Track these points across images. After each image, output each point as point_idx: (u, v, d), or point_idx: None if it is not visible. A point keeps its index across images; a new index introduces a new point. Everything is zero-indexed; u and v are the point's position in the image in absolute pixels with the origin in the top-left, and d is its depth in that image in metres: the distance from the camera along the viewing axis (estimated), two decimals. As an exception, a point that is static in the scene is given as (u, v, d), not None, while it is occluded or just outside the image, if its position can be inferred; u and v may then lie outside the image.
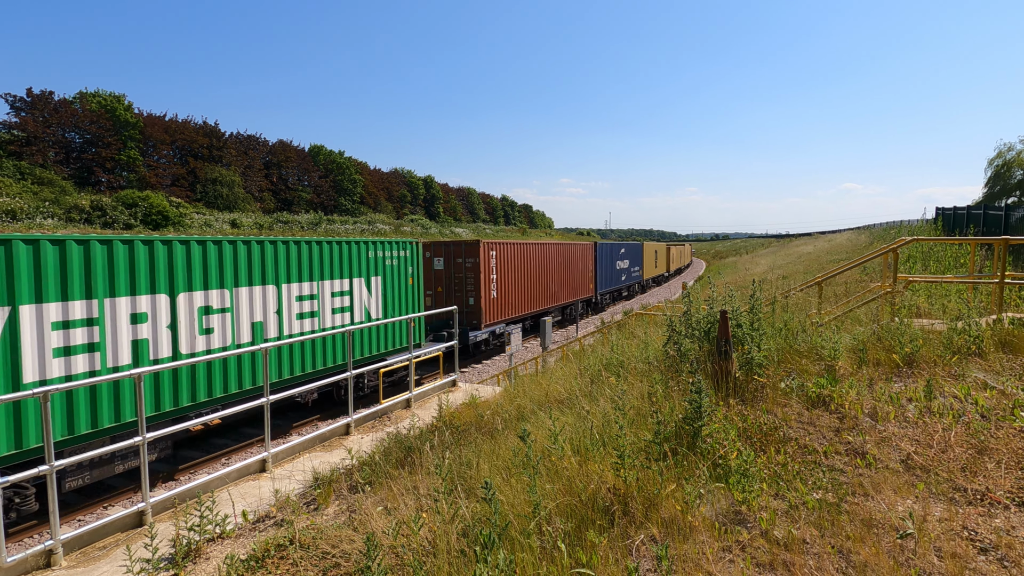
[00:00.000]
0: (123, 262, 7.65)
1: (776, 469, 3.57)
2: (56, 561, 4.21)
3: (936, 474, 3.42)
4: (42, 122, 38.73)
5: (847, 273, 16.33)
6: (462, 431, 5.78)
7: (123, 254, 7.66)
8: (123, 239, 7.70)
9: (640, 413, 4.44)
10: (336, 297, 11.24)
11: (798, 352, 5.45)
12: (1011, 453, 3.56)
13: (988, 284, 8.34)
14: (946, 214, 26.98)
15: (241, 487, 5.53)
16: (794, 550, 2.79)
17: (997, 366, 4.93)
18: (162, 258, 8.12)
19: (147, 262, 7.95)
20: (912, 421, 4.07)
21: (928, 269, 16.14)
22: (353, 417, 7.30)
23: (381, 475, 4.85)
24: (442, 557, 3.00)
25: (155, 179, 44.99)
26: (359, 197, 65.91)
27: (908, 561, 2.67)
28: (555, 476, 3.60)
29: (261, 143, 57.49)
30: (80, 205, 32.12)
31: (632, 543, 2.97)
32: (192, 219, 38.97)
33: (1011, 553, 2.70)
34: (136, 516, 4.80)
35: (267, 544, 3.78)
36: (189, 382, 8.49)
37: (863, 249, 29.31)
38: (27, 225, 27.84)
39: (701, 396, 3.75)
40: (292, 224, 47.17)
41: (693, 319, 5.62)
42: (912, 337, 5.33)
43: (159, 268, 8.08)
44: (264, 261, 9.69)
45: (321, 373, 10.84)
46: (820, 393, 4.48)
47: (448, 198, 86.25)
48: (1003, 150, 27.96)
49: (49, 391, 4.15)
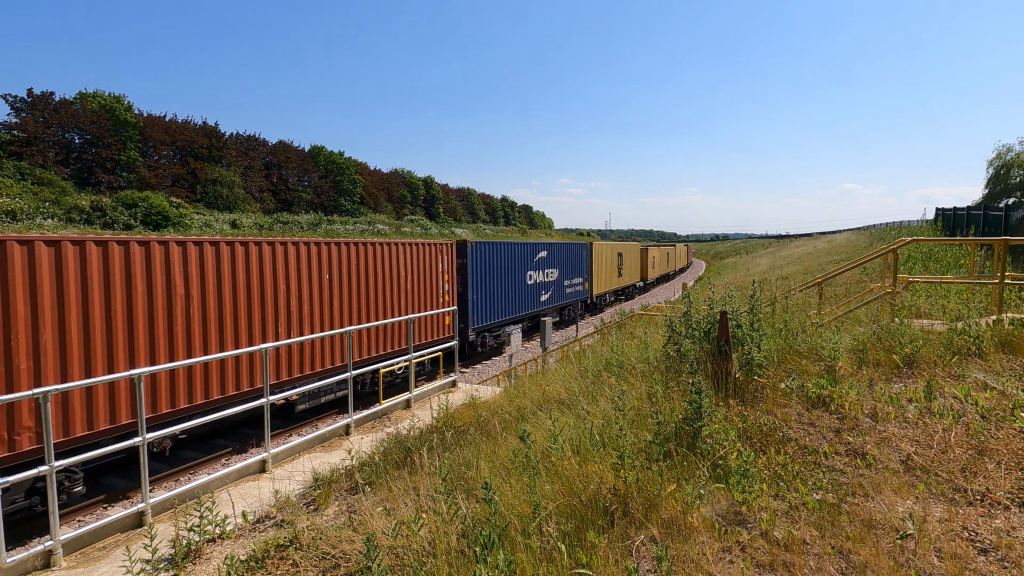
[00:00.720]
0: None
1: (776, 470, 3.57)
2: (56, 562, 4.21)
3: (936, 475, 3.42)
4: (42, 122, 38.73)
5: (847, 274, 16.34)
6: (462, 431, 5.78)
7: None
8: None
9: (640, 413, 4.44)
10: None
11: (798, 353, 5.45)
12: (1011, 454, 3.56)
13: (988, 285, 8.34)
14: (946, 215, 26.99)
15: (241, 487, 5.53)
16: (794, 551, 2.78)
17: (997, 367, 4.93)
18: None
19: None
20: (912, 422, 4.07)
21: (928, 270, 16.14)
22: (353, 417, 7.30)
23: (381, 476, 4.85)
24: (442, 558, 3.00)
25: (155, 180, 44.98)
26: (359, 197, 65.91)
27: (908, 562, 2.67)
28: (555, 477, 3.60)
29: (261, 143, 57.50)
30: (80, 205, 32.12)
31: (632, 544, 2.97)
32: (192, 219, 38.96)
33: (1011, 554, 2.70)
34: (136, 516, 4.80)
35: (267, 545, 3.78)
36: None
37: (863, 250, 29.33)
38: (27, 226, 27.85)
39: (701, 396, 3.75)
40: (292, 225, 47.16)
41: (693, 319, 5.62)
42: (912, 338, 5.33)
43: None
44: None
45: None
46: (820, 394, 4.48)
47: (448, 199, 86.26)
48: (1002, 151, 27.97)
49: (49, 391, 4.14)
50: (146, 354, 8.20)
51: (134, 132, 44.45)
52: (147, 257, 8.18)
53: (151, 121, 46.68)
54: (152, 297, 8.26)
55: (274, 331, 10.19)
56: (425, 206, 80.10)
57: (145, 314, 8.21)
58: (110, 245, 7.75)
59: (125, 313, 7.95)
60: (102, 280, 7.68)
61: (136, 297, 8.07)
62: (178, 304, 8.60)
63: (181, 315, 8.67)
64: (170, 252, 8.44)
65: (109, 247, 7.75)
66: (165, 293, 8.43)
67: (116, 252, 7.81)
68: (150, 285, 8.23)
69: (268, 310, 10.06)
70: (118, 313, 7.85)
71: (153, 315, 8.29)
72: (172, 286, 8.51)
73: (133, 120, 44.59)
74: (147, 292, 8.20)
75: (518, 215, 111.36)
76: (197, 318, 8.88)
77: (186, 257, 8.68)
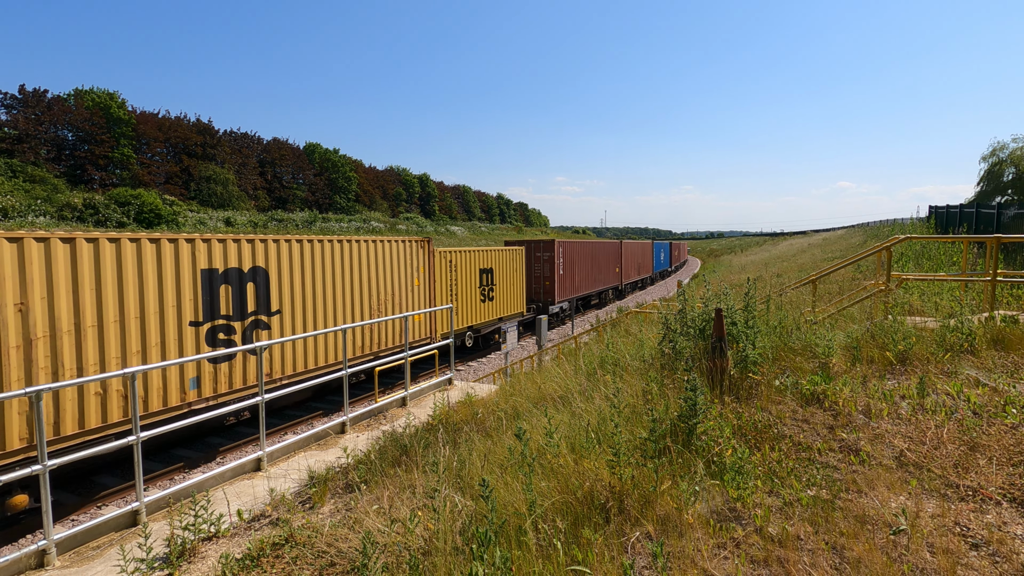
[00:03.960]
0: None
1: (771, 466, 3.59)
2: (49, 561, 4.18)
3: (929, 471, 3.45)
4: (34, 119, 38.43)
5: (841, 271, 16.41)
6: (458, 429, 5.78)
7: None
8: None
9: (635, 411, 4.45)
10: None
11: (792, 350, 5.48)
12: (1003, 449, 3.59)
13: (980, 282, 8.40)
14: (939, 212, 27.15)
15: (236, 486, 5.51)
16: (788, 546, 2.80)
17: (989, 363, 4.97)
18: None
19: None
20: (905, 418, 4.10)
21: (921, 267, 16.23)
22: (348, 415, 7.28)
23: (377, 473, 4.85)
24: (438, 555, 3.00)
25: (148, 177, 44.71)
26: (354, 195, 65.75)
27: (901, 557, 2.69)
28: (551, 474, 3.61)
29: (255, 141, 57.25)
30: (72, 203, 31.91)
31: (628, 540, 2.98)
32: (186, 217, 38.77)
33: (1002, 549, 2.72)
34: (130, 515, 4.78)
35: (262, 543, 3.77)
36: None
37: (857, 247, 29.48)
38: (18, 223, 27.62)
39: (696, 394, 3.76)
40: (287, 222, 46.98)
41: (688, 317, 5.64)
42: (905, 335, 5.37)
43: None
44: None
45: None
46: (814, 390, 4.51)
47: (444, 196, 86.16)
48: (996, 148, 28.10)
49: (41, 390, 4.12)
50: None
51: (127, 129, 44.17)
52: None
53: (144, 118, 46.39)
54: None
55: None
56: (420, 204, 79.97)
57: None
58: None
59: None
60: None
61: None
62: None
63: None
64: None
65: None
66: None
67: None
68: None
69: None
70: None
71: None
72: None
73: (126, 117, 44.31)
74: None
75: (514, 213, 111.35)
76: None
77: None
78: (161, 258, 8.41)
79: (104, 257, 7.71)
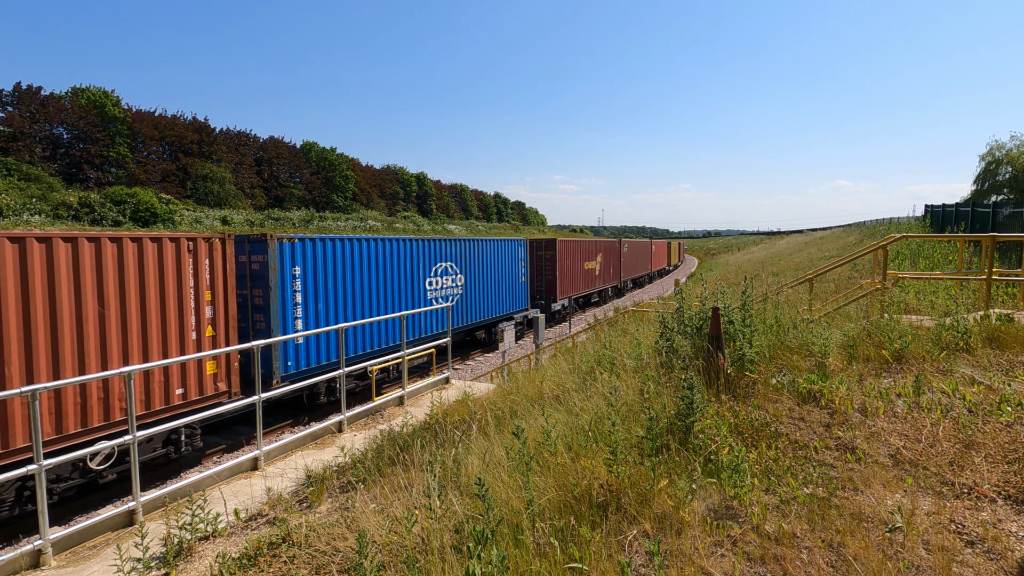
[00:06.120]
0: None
1: (767, 464, 3.60)
2: (45, 561, 4.17)
3: (924, 468, 3.46)
4: (29, 117, 38.19)
5: (837, 270, 16.46)
6: (455, 428, 5.77)
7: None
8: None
9: (632, 409, 4.46)
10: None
11: (789, 348, 5.49)
12: (998, 447, 3.61)
13: (976, 280, 8.43)
14: (935, 211, 27.23)
15: (233, 485, 5.50)
16: (785, 544, 2.81)
17: (984, 361, 4.99)
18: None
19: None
20: (901, 416, 4.11)
21: (917, 266, 16.29)
22: (346, 415, 7.27)
23: (374, 473, 4.85)
24: (435, 554, 3.00)
25: (144, 175, 44.49)
26: (351, 194, 65.56)
27: (897, 554, 2.71)
28: (548, 472, 3.61)
29: (252, 139, 56.99)
30: (68, 202, 31.73)
31: (625, 538, 2.98)
32: (182, 216, 38.60)
33: (997, 546, 2.73)
34: (127, 515, 4.76)
35: (259, 542, 3.76)
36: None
37: (853, 246, 29.55)
38: (14, 223, 27.47)
39: (693, 392, 3.77)
40: (284, 221, 46.82)
41: (685, 315, 5.64)
42: (901, 333, 5.38)
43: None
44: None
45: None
46: (811, 389, 4.52)
47: (441, 195, 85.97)
48: (994, 147, 28.17)
49: (38, 389, 4.10)
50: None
51: (123, 127, 43.92)
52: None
53: (140, 116, 46.13)
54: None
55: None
56: (418, 202, 79.80)
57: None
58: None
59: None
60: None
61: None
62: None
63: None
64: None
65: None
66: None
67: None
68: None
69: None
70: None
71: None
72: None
73: (122, 115, 44.05)
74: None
75: (511, 211, 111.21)
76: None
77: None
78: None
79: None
